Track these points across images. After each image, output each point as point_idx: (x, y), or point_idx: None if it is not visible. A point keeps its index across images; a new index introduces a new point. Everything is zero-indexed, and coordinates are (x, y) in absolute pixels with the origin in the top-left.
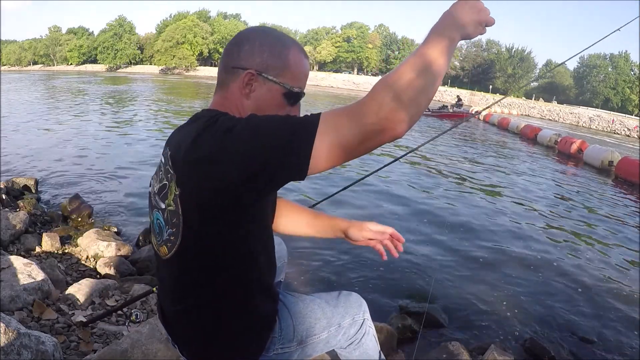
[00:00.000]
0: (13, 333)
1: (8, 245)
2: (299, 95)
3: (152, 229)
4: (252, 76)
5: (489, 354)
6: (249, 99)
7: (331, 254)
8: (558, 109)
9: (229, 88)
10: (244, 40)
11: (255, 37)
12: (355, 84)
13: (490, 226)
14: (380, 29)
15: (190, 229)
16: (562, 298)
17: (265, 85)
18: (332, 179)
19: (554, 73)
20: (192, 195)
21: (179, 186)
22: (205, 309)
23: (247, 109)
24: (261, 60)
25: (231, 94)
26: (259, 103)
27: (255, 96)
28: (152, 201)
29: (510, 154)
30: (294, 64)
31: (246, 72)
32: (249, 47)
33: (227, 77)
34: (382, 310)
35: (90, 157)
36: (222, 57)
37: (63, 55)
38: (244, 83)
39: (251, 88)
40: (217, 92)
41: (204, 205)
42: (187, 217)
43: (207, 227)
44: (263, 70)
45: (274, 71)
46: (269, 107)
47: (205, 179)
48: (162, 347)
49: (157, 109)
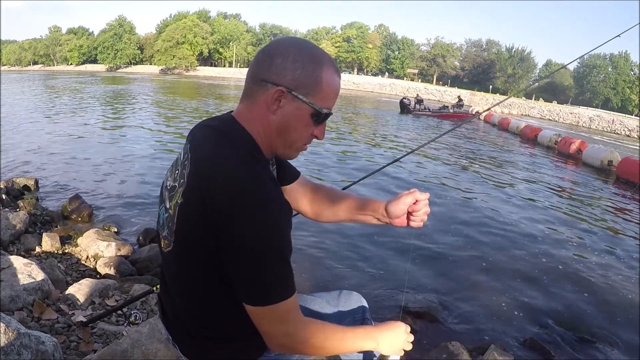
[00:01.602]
0: (13, 333)
1: (8, 245)
2: (327, 116)
3: (158, 219)
4: (282, 93)
5: (489, 354)
6: (275, 115)
7: (331, 253)
8: (558, 109)
9: (255, 101)
10: (277, 52)
11: (289, 51)
12: (355, 84)
13: (490, 226)
14: (380, 29)
15: (182, 238)
16: (562, 298)
17: (294, 103)
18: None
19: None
20: (189, 217)
21: (183, 197)
22: (205, 307)
23: (272, 125)
24: (292, 77)
25: (257, 107)
26: (285, 120)
27: (282, 113)
28: (162, 195)
29: (511, 154)
30: (326, 83)
31: (276, 89)
32: (281, 60)
33: (255, 89)
34: (383, 310)
35: (90, 157)
36: (252, 66)
37: (63, 55)
38: (273, 99)
39: (279, 105)
40: (243, 101)
41: (191, 235)
42: (180, 228)
43: (195, 244)
44: (293, 88)
45: (304, 90)
46: (295, 125)
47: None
48: (162, 347)
49: (157, 109)
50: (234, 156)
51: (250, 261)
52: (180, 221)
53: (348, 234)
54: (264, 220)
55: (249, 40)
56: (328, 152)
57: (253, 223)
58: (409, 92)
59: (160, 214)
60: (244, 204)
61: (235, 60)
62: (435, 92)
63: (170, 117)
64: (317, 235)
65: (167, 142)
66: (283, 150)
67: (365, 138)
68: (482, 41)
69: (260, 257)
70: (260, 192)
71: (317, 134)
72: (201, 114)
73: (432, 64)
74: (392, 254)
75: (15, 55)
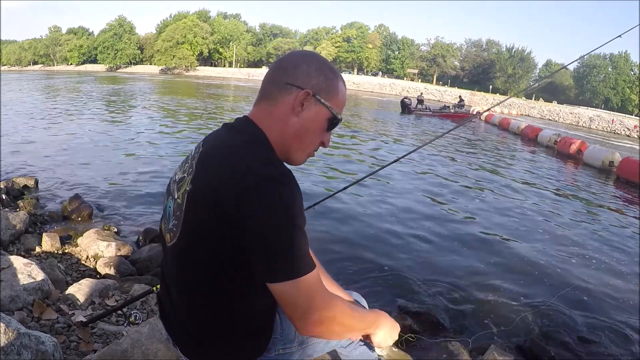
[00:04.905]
0: (13, 333)
1: (8, 245)
2: (339, 122)
3: (163, 213)
4: (308, 96)
5: (489, 354)
6: (298, 117)
7: (331, 253)
8: (558, 109)
9: (277, 103)
10: (301, 60)
11: (312, 60)
12: (355, 84)
13: (490, 227)
14: (380, 29)
15: (189, 226)
16: (562, 298)
17: (315, 106)
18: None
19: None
20: (197, 203)
21: (192, 183)
22: (206, 306)
23: (292, 126)
24: (317, 82)
25: (279, 109)
26: (305, 123)
27: (305, 115)
28: (170, 188)
29: (511, 154)
30: (341, 92)
31: (303, 91)
32: (306, 67)
33: (277, 92)
34: (382, 310)
35: (90, 157)
36: (274, 72)
37: (63, 55)
38: (299, 101)
39: (303, 107)
40: (261, 104)
41: (199, 222)
42: (187, 215)
43: (203, 231)
44: (317, 92)
45: (325, 95)
46: (312, 128)
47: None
48: (162, 347)
49: (157, 109)
50: (247, 143)
51: (275, 236)
52: (189, 208)
53: (348, 233)
54: (287, 195)
55: (249, 40)
56: (331, 152)
57: (277, 197)
58: (408, 92)
59: (166, 207)
60: (265, 179)
61: (235, 60)
62: (435, 92)
63: (171, 117)
64: (317, 235)
65: (167, 142)
66: (295, 154)
67: (366, 138)
68: (482, 41)
69: (285, 231)
70: (277, 167)
71: (325, 140)
72: (201, 114)
73: (432, 64)
74: (393, 254)
75: (15, 55)
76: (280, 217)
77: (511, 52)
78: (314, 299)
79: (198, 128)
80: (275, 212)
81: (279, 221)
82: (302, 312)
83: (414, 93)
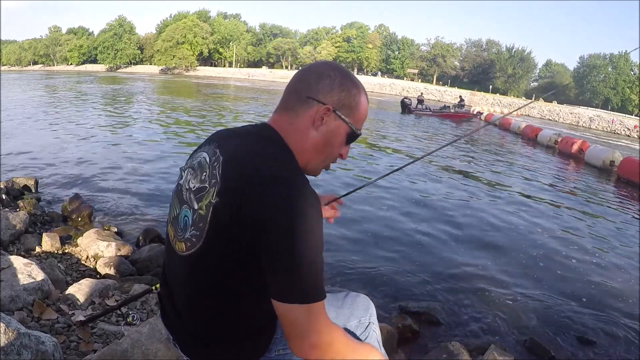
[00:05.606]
0: (13, 333)
1: (8, 245)
2: (358, 136)
3: (173, 220)
4: (328, 111)
5: (489, 354)
6: (317, 131)
7: (331, 253)
8: (558, 109)
9: (298, 115)
10: (324, 73)
11: (335, 74)
12: None
13: (490, 226)
14: (380, 29)
15: (215, 239)
16: (562, 298)
17: (335, 122)
18: (338, 180)
19: (554, 73)
20: (224, 216)
21: (218, 196)
22: (212, 310)
23: (312, 139)
24: (338, 98)
25: (299, 121)
26: (325, 137)
27: (324, 130)
28: (184, 196)
29: (511, 154)
30: (362, 107)
31: (324, 107)
32: (329, 82)
33: (299, 104)
34: (382, 310)
35: (90, 157)
36: (296, 83)
37: (63, 55)
38: (319, 116)
39: (322, 122)
40: (282, 113)
41: (226, 234)
42: (214, 228)
43: (233, 243)
44: (338, 107)
45: (346, 110)
46: (332, 142)
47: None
48: (162, 347)
49: (157, 109)
50: (277, 154)
51: (299, 257)
52: (216, 220)
53: (348, 234)
54: (314, 217)
55: (249, 40)
56: None
57: (306, 218)
58: (408, 92)
59: (179, 217)
60: (297, 199)
61: (235, 60)
62: (435, 92)
63: (171, 117)
64: None
65: (167, 142)
66: (313, 165)
67: (367, 138)
68: (482, 41)
69: (309, 254)
70: (307, 188)
71: (343, 153)
72: (201, 114)
73: (432, 64)
74: (393, 254)
75: (15, 55)
76: (308, 240)
77: (511, 52)
78: (314, 323)
79: (198, 128)
80: (306, 233)
81: (306, 244)
82: (300, 332)
83: (414, 93)
